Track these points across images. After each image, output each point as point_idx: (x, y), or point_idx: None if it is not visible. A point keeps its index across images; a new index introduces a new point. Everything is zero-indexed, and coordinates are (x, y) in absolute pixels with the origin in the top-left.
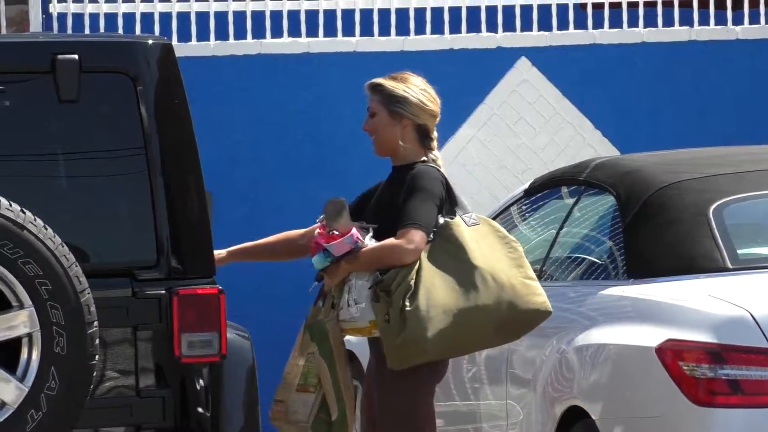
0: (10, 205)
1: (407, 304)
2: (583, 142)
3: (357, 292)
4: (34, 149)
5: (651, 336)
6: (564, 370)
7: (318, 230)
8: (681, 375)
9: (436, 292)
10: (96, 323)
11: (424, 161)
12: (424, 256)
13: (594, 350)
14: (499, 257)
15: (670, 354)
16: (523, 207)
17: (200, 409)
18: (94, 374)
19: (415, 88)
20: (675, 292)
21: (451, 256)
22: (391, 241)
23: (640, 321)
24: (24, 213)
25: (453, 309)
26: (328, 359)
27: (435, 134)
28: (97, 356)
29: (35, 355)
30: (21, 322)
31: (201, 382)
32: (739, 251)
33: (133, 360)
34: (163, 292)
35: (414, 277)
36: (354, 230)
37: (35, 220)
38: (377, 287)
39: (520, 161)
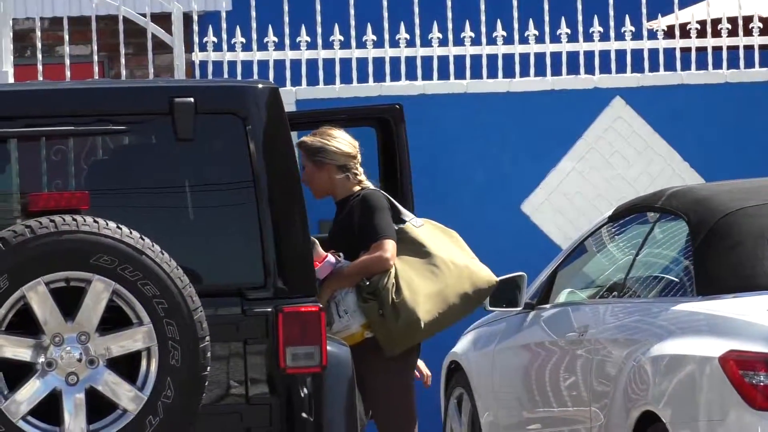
0: (131, 233)
1: (395, 297)
2: (673, 173)
3: (344, 303)
4: (154, 182)
5: (715, 347)
6: (639, 378)
7: None
8: (741, 383)
9: (414, 283)
10: (208, 338)
11: (363, 188)
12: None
13: (666, 360)
14: (448, 245)
15: (732, 363)
16: (612, 230)
17: (304, 415)
18: (207, 384)
19: (329, 138)
20: (737, 307)
21: (415, 253)
22: (370, 254)
23: (707, 334)
24: (143, 240)
25: (431, 292)
26: None
27: (359, 170)
28: (208, 368)
29: (153, 366)
30: (140, 337)
31: (304, 390)
32: None
33: (243, 371)
34: (270, 310)
35: (393, 276)
36: (330, 255)
37: (153, 246)
38: (365, 291)
39: (615, 190)
